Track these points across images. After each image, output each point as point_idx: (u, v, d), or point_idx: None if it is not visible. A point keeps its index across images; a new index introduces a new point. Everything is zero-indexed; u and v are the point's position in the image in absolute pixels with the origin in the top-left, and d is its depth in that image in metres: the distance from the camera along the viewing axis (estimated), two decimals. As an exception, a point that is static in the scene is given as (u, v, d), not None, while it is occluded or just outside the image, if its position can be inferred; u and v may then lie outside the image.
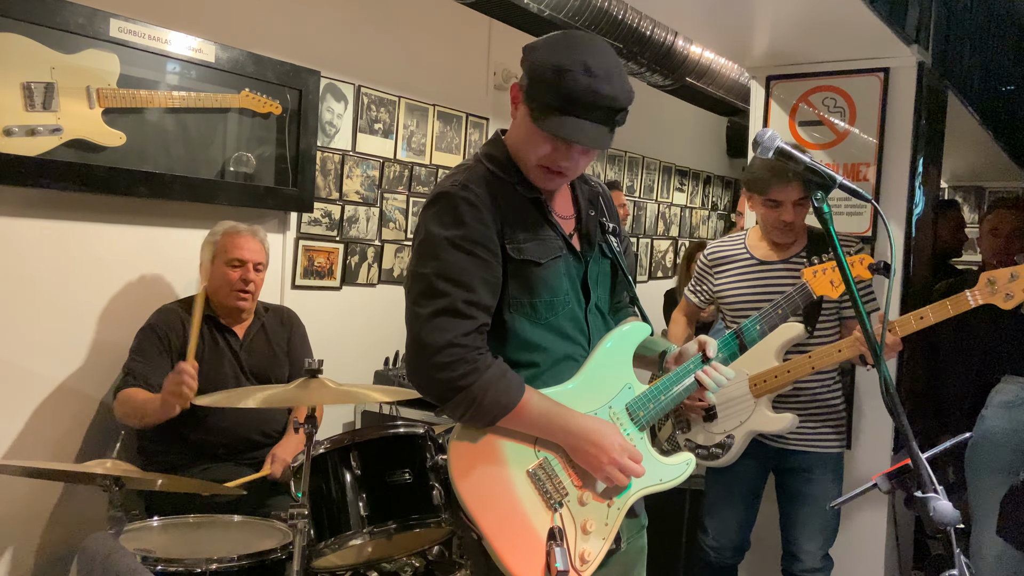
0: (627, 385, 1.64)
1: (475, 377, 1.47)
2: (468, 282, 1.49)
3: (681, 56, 4.10)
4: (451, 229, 1.49)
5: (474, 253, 1.50)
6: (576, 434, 1.54)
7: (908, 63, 2.86)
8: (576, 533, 1.55)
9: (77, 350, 2.70)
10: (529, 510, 1.52)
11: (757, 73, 3.14)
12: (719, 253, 2.66)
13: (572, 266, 1.65)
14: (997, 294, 2.15)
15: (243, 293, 2.69)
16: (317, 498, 2.12)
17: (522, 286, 1.56)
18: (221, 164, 3.01)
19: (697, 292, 2.73)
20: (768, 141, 1.50)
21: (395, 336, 3.76)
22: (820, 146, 3.00)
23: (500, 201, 1.54)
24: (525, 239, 1.56)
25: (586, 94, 1.46)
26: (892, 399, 1.44)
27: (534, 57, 1.51)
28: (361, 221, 3.63)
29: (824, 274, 2.17)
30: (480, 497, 1.50)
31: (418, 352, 1.49)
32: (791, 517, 2.60)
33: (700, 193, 6.64)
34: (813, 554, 2.56)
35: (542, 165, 1.55)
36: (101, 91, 2.60)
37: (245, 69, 2.99)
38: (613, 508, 1.60)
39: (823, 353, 2.37)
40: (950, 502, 1.39)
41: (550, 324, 1.60)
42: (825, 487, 2.54)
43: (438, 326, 1.47)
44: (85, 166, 2.57)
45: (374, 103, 3.63)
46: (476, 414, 1.49)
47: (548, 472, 1.55)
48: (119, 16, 2.61)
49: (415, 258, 1.55)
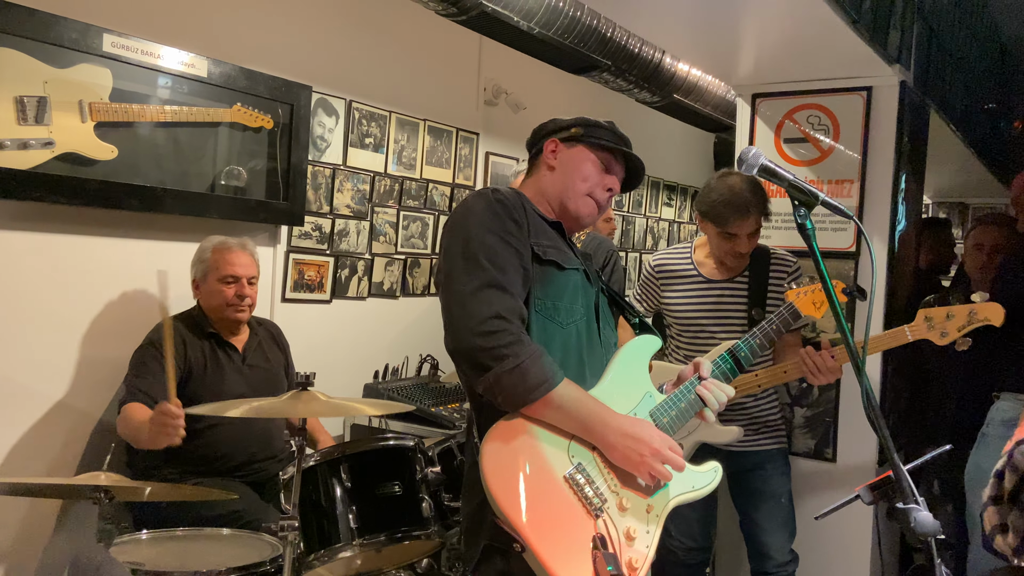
0: (648, 393, 1.68)
1: (520, 347, 1.48)
2: (504, 266, 1.55)
3: (669, 73, 4.15)
4: (485, 219, 1.59)
5: (508, 242, 1.58)
6: (615, 430, 1.54)
7: (890, 82, 2.91)
8: (620, 540, 1.51)
9: (69, 365, 2.70)
10: (571, 517, 1.48)
11: (743, 91, 3.19)
12: (666, 265, 2.73)
13: (586, 286, 1.73)
14: (933, 331, 2.28)
15: (239, 307, 2.73)
16: (307, 510, 2.13)
17: (546, 286, 1.62)
18: (212, 178, 3.02)
19: (642, 301, 2.81)
20: (752, 159, 1.54)
21: (385, 350, 3.77)
22: (805, 163, 3.05)
23: (527, 212, 1.66)
24: (548, 245, 1.66)
25: (626, 139, 1.83)
26: (874, 412, 1.47)
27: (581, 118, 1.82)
28: (352, 235, 3.65)
29: (807, 295, 2.25)
30: (521, 506, 1.44)
31: (463, 322, 1.50)
32: (752, 518, 2.69)
33: (687, 208, 6.70)
34: (781, 548, 2.64)
35: (591, 195, 1.76)
36: (93, 105, 2.62)
37: (237, 84, 3.01)
38: (653, 514, 1.58)
39: (769, 373, 2.45)
40: (931, 513, 1.42)
41: (570, 331, 1.64)
42: (779, 481, 2.66)
43: (483, 298, 1.50)
44: (77, 179, 2.58)
45: (365, 118, 3.66)
46: (521, 384, 1.47)
47: (586, 477, 1.52)
48: (112, 31, 2.63)
49: (449, 247, 1.60)
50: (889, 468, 1.48)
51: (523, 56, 3.94)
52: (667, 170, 6.26)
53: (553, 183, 1.78)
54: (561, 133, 1.79)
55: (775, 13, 2.52)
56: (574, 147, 1.78)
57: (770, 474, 2.67)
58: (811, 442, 3.01)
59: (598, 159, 1.77)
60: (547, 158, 1.79)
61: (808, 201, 1.51)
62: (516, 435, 1.50)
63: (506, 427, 1.51)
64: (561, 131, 1.80)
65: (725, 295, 2.62)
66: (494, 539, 1.51)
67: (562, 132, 1.79)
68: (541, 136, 1.83)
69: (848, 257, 2.95)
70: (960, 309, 2.26)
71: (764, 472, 2.67)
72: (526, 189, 1.80)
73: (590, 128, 1.79)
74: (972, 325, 2.25)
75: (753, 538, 2.70)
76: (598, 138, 1.78)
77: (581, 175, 1.76)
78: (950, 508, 3.36)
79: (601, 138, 1.78)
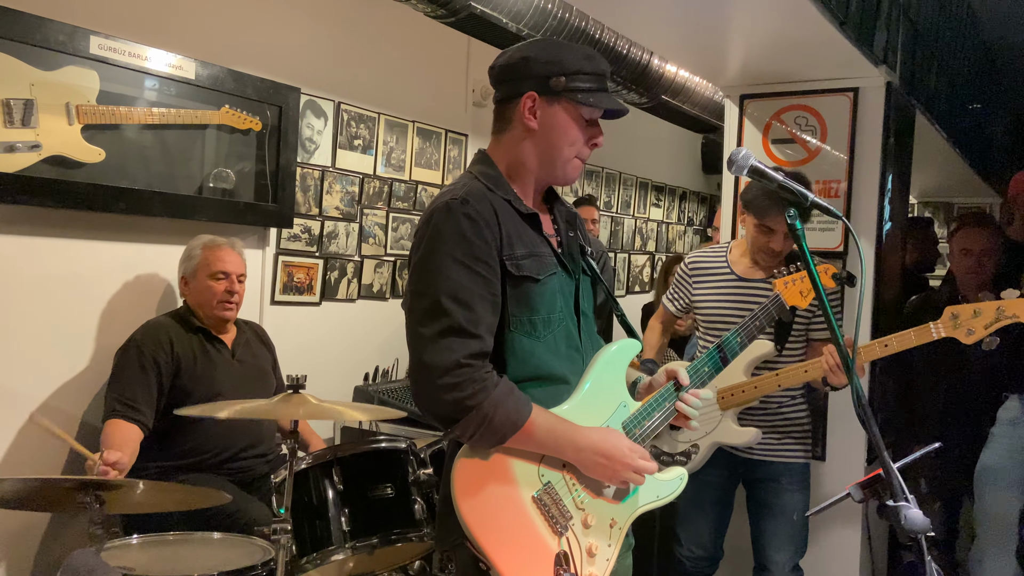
0: (622, 403, 1.66)
1: (484, 396, 1.44)
2: (470, 301, 1.48)
3: (657, 75, 4.16)
4: (451, 245, 1.49)
5: (475, 270, 1.49)
6: (585, 448, 1.54)
7: (877, 83, 2.94)
8: (582, 557, 1.54)
9: (58, 368, 2.68)
10: (535, 536, 1.50)
11: (731, 92, 3.21)
12: (700, 263, 2.70)
13: (564, 283, 1.66)
14: (960, 328, 2.22)
15: (228, 304, 2.73)
16: (299, 513, 2.13)
17: (521, 303, 1.56)
18: (200, 180, 3.01)
19: (674, 300, 2.77)
20: (742, 160, 1.55)
21: (375, 352, 3.77)
22: (793, 163, 3.07)
23: (499, 216, 1.55)
24: (523, 255, 1.57)
25: (607, 69, 1.65)
26: (864, 410, 1.48)
27: (555, 54, 1.61)
28: (341, 237, 3.64)
29: (794, 284, 2.23)
30: (486, 524, 1.46)
31: (425, 374, 1.46)
32: (760, 529, 2.65)
33: (676, 208, 6.73)
34: (781, 565, 2.60)
35: (578, 156, 1.64)
36: (80, 108, 2.60)
37: (225, 86, 3.00)
38: (616, 528, 1.60)
39: (790, 372, 2.43)
40: (921, 511, 1.43)
41: (548, 342, 1.60)
42: (792, 498, 2.59)
43: (444, 347, 1.45)
44: (64, 182, 2.56)
45: (354, 119, 3.65)
46: (487, 433, 1.46)
47: (553, 497, 1.53)
48: (99, 33, 2.61)
49: (415, 276, 1.53)
50: (879, 466, 1.50)
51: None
52: (655, 171, 6.28)
53: (535, 150, 1.62)
54: (539, 84, 1.58)
55: (762, 15, 2.54)
56: (555, 103, 1.59)
57: (783, 488, 2.59)
58: (800, 441, 3.02)
59: (582, 114, 1.61)
60: (525, 118, 1.59)
61: (798, 202, 1.53)
62: (487, 458, 1.50)
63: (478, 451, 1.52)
64: (540, 81, 1.58)
65: (755, 294, 2.53)
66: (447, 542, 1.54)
67: (539, 82, 1.58)
68: (514, 79, 1.61)
69: (836, 257, 2.97)
70: (988, 306, 2.20)
71: (777, 485, 2.59)
72: (500, 154, 1.64)
73: (572, 78, 1.58)
74: (1001, 322, 2.18)
75: (757, 546, 2.67)
76: (583, 91, 1.59)
77: (567, 139, 1.61)
78: (937, 506, 3.39)
79: (586, 90, 1.59)
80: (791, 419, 2.61)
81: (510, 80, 1.62)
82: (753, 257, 2.59)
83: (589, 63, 1.61)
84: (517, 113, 1.61)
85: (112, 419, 2.48)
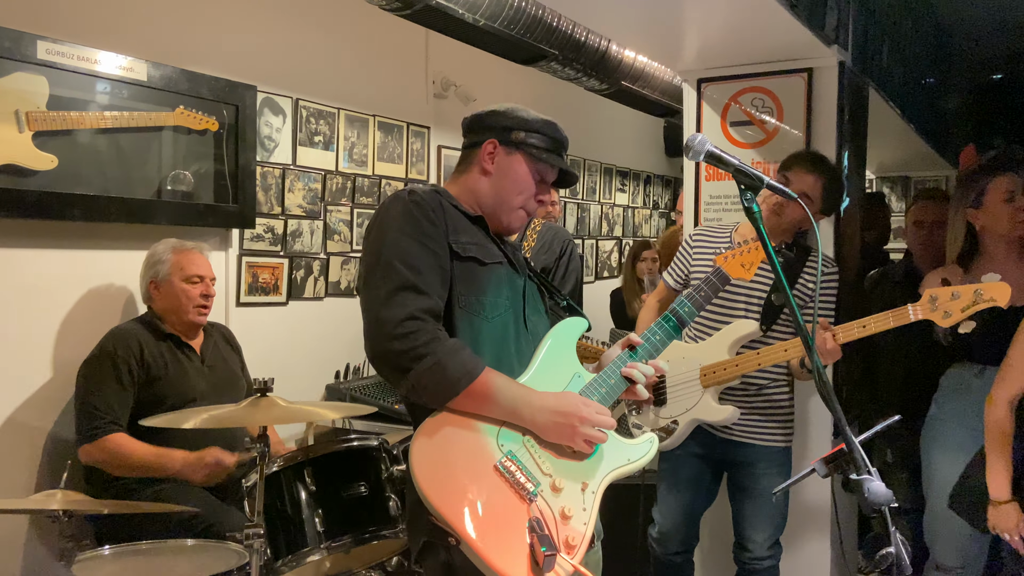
0: (576, 374, 1.69)
1: (437, 345, 1.49)
2: (420, 267, 1.55)
3: (615, 61, 4.17)
4: (401, 223, 1.59)
5: (425, 244, 1.58)
6: (541, 408, 1.56)
7: (830, 63, 2.97)
8: (556, 521, 1.52)
9: (21, 381, 2.63)
10: (504, 505, 1.49)
11: (688, 76, 3.23)
12: (703, 236, 2.75)
13: (512, 277, 1.72)
14: (937, 311, 2.23)
15: (203, 308, 2.71)
16: (272, 516, 2.12)
17: (468, 283, 1.63)
18: (158, 183, 2.96)
19: (673, 272, 2.79)
20: (699, 146, 1.56)
21: (345, 349, 3.75)
22: (751, 145, 3.10)
23: (445, 211, 1.65)
24: (468, 242, 1.66)
25: (566, 141, 1.80)
26: (826, 389, 1.51)
27: (520, 114, 1.77)
28: (305, 235, 3.61)
29: (734, 258, 2.23)
30: (451, 500, 1.46)
31: (378, 327, 1.51)
32: (740, 510, 2.69)
33: (641, 193, 6.76)
34: (760, 544, 2.65)
35: (524, 208, 1.75)
36: (30, 114, 2.54)
37: (179, 86, 2.96)
38: (588, 492, 1.59)
39: (770, 351, 2.44)
40: (883, 483, 1.47)
41: (495, 325, 1.65)
42: (771, 481, 2.59)
43: (397, 302, 1.51)
44: (16, 191, 2.51)
45: (313, 115, 3.62)
46: (442, 381, 1.49)
47: (516, 463, 1.54)
48: (46, 38, 2.56)
49: (366, 253, 1.62)
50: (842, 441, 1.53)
51: (471, 48, 3.93)
52: (619, 156, 6.31)
53: (487, 191, 1.75)
54: (501, 134, 1.75)
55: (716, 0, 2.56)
56: (513, 154, 1.74)
57: (761, 473, 2.61)
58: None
59: (536, 171, 1.75)
60: (483, 160, 1.75)
61: (754, 185, 1.54)
62: (443, 430, 1.52)
63: (433, 424, 1.53)
64: (501, 131, 1.75)
65: None
66: (431, 535, 1.53)
67: (502, 133, 1.75)
68: (480, 129, 1.78)
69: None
70: (966, 289, 2.20)
71: (754, 470, 2.61)
72: (453, 186, 1.77)
73: (531, 135, 1.75)
74: (978, 306, 2.19)
75: (737, 525, 2.70)
76: (539, 148, 1.74)
77: (517, 188, 1.74)
78: (904, 476, 3.46)
79: (542, 148, 1.75)
80: (773, 402, 2.63)
81: (477, 129, 1.78)
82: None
83: (549, 128, 1.76)
84: (477, 157, 1.76)
85: (117, 434, 2.46)
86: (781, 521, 2.68)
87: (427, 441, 1.51)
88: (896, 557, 1.48)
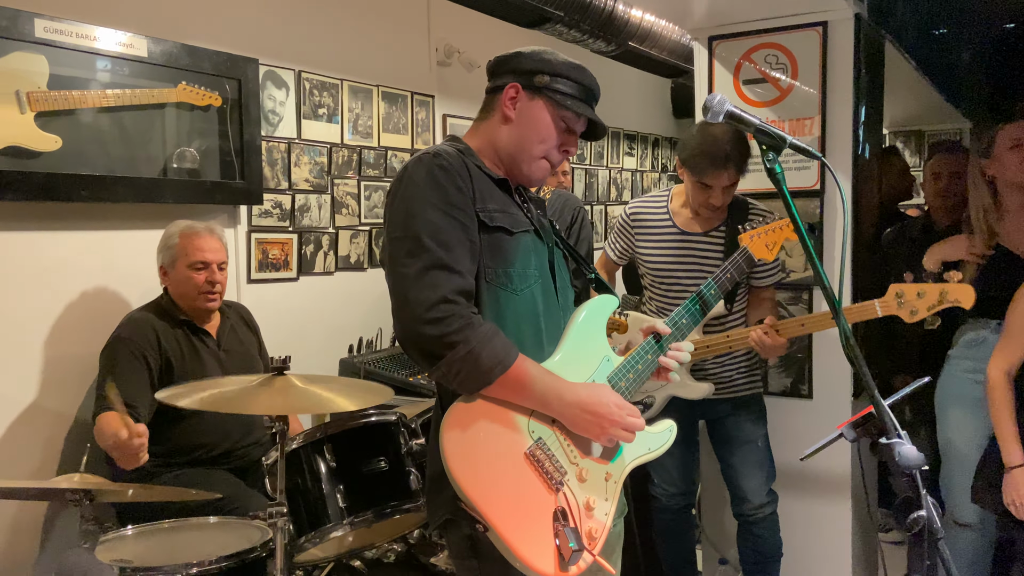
0: (606, 358, 1.66)
1: (470, 332, 1.42)
2: (449, 242, 1.47)
3: (622, 21, 4.09)
4: (427, 191, 1.50)
5: (451, 215, 1.50)
6: (572, 403, 1.52)
7: (845, 15, 2.90)
8: (580, 512, 1.52)
9: (35, 366, 2.62)
10: (531, 493, 1.48)
11: (699, 35, 3.15)
12: (641, 214, 2.73)
13: (538, 244, 1.66)
14: (903, 308, 2.28)
15: (211, 295, 2.65)
16: (294, 494, 2.11)
17: (495, 255, 1.56)
18: (163, 161, 2.93)
19: (614, 247, 2.80)
20: (718, 106, 1.52)
21: (357, 323, 3.74)
22: (765, 103, 3.03)
23: (471, 173, 1.57)
24: (495, 209, 1.58)
25: (596, 88, 1.70)
26: (852, 350, 1.48)
27: (545, 56, 1.66)
28: (313, 209, 3.57)
29: (759, 238, 2.27)
30: (482, 486, 1.44)
31: (409, 310, 1.43)
32: (728, 463, 2.74)
33: (649, 156, 6.68)
34: (756, 491, 2.70)
35: (547, 157, 1.66)
36: (31, 95, 2.50)
37: (180, 62, 2.90)
38: (611, 482, 1.59)
39: (739, 335, 2.50)
40: (914, 446, 1.44)
41: (525, 297, 1.59)
42: (750, 427, 2.69)
43: (428, 282, 1.43)
44: (21, 174, 2.48)
45: (316, 88, 3.56)
46: (474, 370, 1.44)
47: (545, 452, 1.51)
48: (44, 16, 2.51)
49: (391, 225, 1.53)
50: (869, 403, 1.50)
51: (473, 13, 3.85)
52: (626, 119, 6.22)
53: (508, 139, 1.65)
54: (524, 78, 1.64)
55: (727, -48, 2.48)
56: (535, 99, 1.64)
57: (743, 419, 2.70)
58: (787, 380, 3.05)
59: (560, 117, 1.65)
60: (505, 107, 1.65)
61: (776, 144, 1.50)
62: (475, 417, 1.48)
63: (464, 410, 1.48)
64: (524, 75, 1.65)
65: (700, 248, 2.61)
66: (454, 514, 1.51)
67: (525, 77, 1.65)
68: (502, 72, 1.68)
69: (813, 196, 2.96)
70: (931, 288, 2.27)
71: (737, 418, 2.70)
72: (476, 138, 1.68)
73: (556, 79, 1.64)
74: (942, 305, 2.25)
75: (731, 482, 2.76)
76: (564, 93, 1.64)
77: (539, 135, 1.64)
78: (923, 433, 3.45)
79: (567, 94, 1.64)
80: (738, 359, 2.69)
81: (499, 72, 1.69)
82: (694, 210, 2.62)
83: (576, 72, 1.66)
84: (499, 102, 1.66)
85: (104, 413, 2.40)
86: (771, 466, 2.74)
87: (459, 429, 1.47)
88: (927, 520, 1.46)
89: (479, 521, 1.44)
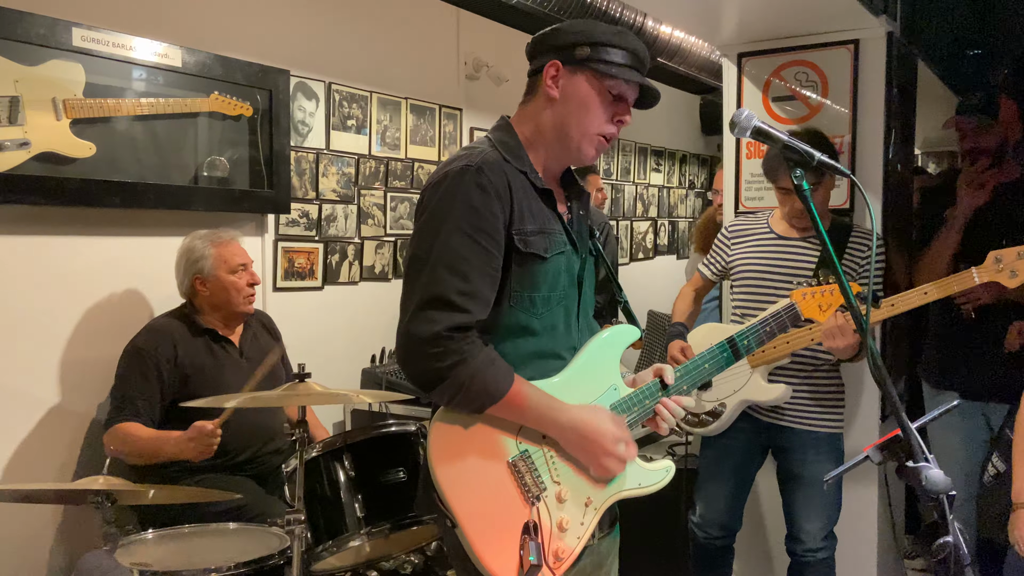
0: (613, 386, 1.63)
1: (462, 368, 1.43)
2: (467, 272, 1.45)
3: (651, 37, 4.09)
4: (459, 212, 1.47)
5: (478, 241, 1.46)
6: (567, 427, 1.52)
7: (877, 33, 2.87)
8: (552, 529, 1.52)
9: (60, 368, 2.66)
10: (506, 501, 1.49)
11: (728, 51, 3.14)
12: (740, 225, 2.71)
13: (571, 260, 1.63)
14: (1002, 272, 2.12)
15: (252, 296, 2.71)
16: (313, 502, 2.11)
17: (524, 280, 1.54)
18: (194, 170, 2.97)
19: (711, 264, 2.73)
20: (745, 121, 1.50)
21: (380, 333, 3.75)
22: (794, 120, 3.01)
23: (512, 189, 1.52)
24: (532, 231, 1.53)
25: (643, 51, 1.59)
26: (879, 371, 1.45)
27: (585, 27, 1.58)
28: (339, 219, 3.60)
29: (813, 298, 2.10)
30: (457, 483, 1.47)
31: (405, 342, 1.46)
32: (791, 500, 2.59)
33: (677, 172, 6.66)
34: (813, 535, 2.55)
35: (600, 132, 1.58)
36: (68, 102, 2.55)
37: (213, 72, 2.95)
38: (591, 508, 1.57)
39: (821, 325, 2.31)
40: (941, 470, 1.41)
41: (544, 319, 1.58)
42: (821, 468, 2.49)
43: (427, 317, 1.44)
44: (56, 179, 2.53)
45: (346, 99, 3.60)
46: (463, 401, 1.47)
47: (528, 465, 1.52)
48: (81, 25, 2.56)
49: (416, 239, 1.51)
50: (896, 427, 1.47)
51: (502, 27, 3.87)
52: (654, 135, 6.21)
53: (554, 119, 1.58)
54: (563, 53, 1.56)
55: (758, -31, 2.47)
56: (578, 74, 1.55)
57: (811, 460, 2.51)
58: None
59: (607, 88, 1.55)
60: (547, 86, 1.56)
61: (804, 161, 1.48)
62: (468, 419, 1.50)
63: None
64: (564, 50, 1.56)
65: (795, 251, 2.53)
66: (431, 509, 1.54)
67: (564, 52, 1.56)
68: (542, 51, 1.59)
69: (843, 215, 2.93)
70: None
71: (804, 458, 2.52)
72: (523, 124, 1.62)
73: (598, 49, 1.54)
74: None
75: (789, 516, 2.61)
76: (607, 62, 1.54)
77: (587, 112, 1.55)
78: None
79: (611, 62, 1.54)
80: (822, 386, 2.54)
81: (539, 51, 1.61)
82: (788, 221, 2.58)
83: (620, 38, 1.56)
84: (540, 84, 1.59)
85: (124, 423, 2.45)
86: (834, 511, 2.57)
87: (448, 425, 1.50)
88: (954, 547, 1.42)
89: (448, 516, 1.48)
